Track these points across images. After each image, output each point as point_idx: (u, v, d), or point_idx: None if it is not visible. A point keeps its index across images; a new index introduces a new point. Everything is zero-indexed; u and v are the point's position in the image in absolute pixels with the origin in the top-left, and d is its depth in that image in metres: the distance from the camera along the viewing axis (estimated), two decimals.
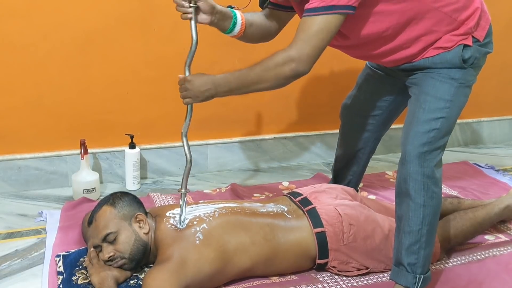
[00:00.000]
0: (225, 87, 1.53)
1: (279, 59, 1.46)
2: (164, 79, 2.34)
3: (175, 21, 2.26)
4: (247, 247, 1.56)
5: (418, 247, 1.50)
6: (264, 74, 1.48)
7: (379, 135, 2.04)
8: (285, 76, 1.47)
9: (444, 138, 1.53)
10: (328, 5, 1.41)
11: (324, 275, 1.68)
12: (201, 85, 1.55)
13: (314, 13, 1.43)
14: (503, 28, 1.62)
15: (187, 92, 1.58)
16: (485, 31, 1.57)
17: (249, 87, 1.52)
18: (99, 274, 1.50)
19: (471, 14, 1.54)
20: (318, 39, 1.44)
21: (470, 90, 1.60)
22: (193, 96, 1.58)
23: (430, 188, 1.49)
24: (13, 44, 2.09)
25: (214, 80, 1.54)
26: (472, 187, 2.44)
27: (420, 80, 1.59)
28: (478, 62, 1.58)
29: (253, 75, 1.50)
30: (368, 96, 1.94)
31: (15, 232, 1.91)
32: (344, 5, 1.42)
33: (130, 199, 1.64)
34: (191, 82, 1.57)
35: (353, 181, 2.14)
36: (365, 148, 2.05)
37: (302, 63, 1.45)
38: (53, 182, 2.29)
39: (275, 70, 1.47)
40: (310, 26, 1.43)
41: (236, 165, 2.60)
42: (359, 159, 2.09)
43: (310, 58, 1.45)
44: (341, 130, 2.11)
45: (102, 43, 2.20)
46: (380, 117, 1.97)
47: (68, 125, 2.26)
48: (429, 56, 1.57)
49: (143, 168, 2.42)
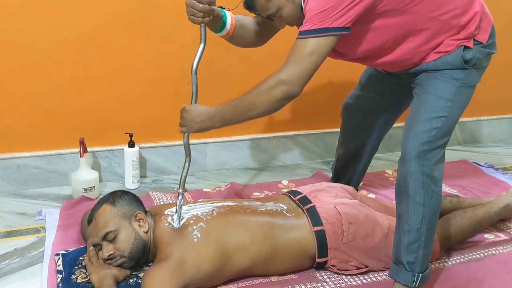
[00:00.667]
0: (220, 118, 1.54)
1: (270, 83, 1.47)
2: (163, 78, 2.34)
3: (175, 20, 2.28)
4: (246, 246, 1.56)
5: (417, 246, 1.50)
6: (256, 100, 1.48)
7: (381, 134, 2.04)
8: (277, 99, 1.47)
9: (445, 138, 1.53)
10: (320, 27, 1.42)
11: (323, 273, 1.68)
12: (196, 116, 1.56)
13: (306, 35, 1.44)
14: (503, 27, 1.62)
15: (183, 121, 1.59)
16: (488, 33, 1.57)
17: (243, 115, 1.52)
18: (99, 273, 1.50)
19: (471, 19, 1.54)
20: (309, 62, 1.44)
21: (472, 91, 1.60)
22: (188, 126, 1.59)
23: (429, 187, 1.49)
24: (13, 43, 2.09)
25: (209, 113, 1.54)
26: (472, 186, 2.44)
27: (423, 81, 1.60)
28: (481, 62, 1.58)
29: (246, 102, 1.50)
30: (371, 95, 1.94)
31: (14, 231, 1.91)
32: (337, 27, 1.42)
33: (130, 197, 1.64)
34: (188, 112, 1.58)
35: (354, 180, 2.14)
36: (367, 146, 2.06)
37: (293, 85, 1.45)
38: (53, 181, 2.29)
39: (267, 94, 1.47)
40: (301, 49, 1.44)
41: (235, 164, 2.60)
42: (360, 158, 2.09)
43: (301, 80, 1.46)
44: (342, 129, 2.10)
45: (102, 42, 2.20)
46: (382, 116, 1.97)
47: (68, 123, 2.25)
48: (431, 60, 1.58)
49: (143, 166, 2.42)
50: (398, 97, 1.88)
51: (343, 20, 1.42)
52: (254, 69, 2.37)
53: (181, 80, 2.38)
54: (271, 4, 1.52)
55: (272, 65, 2.39)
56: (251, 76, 2.36)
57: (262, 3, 1.53)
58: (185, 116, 1.58)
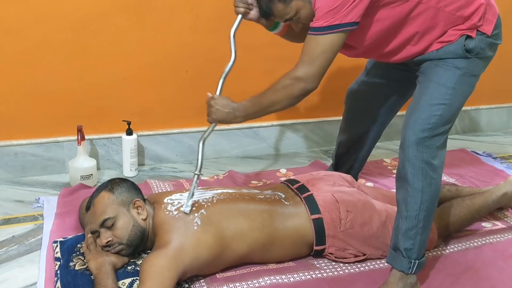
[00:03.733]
0: (243, 113, 1.62)
1: (287, 81, 1.55)
2: (161, 64, 2.33)
3: (172, 6, 2.26)
4: (245, 232, 1.56)
5: (415, 232, 1.51)
6: (275, 98, 1.57)
7: (385, 120, 2.05)
8: (294, 96, 1.56)
9: (446, 125, 1.53)
10: (332, 24, 1.47)
11: (321, 261, 1.69)
12: (223, 106, 1.63)
13: (319, 32, 1.49)
14: (502, 15, 1.62)
15: (211, 109, 1.65)
16: (493, 25, 1.58)
17: (263, 111, 1.62)
18: (97, 260, 1.50)
19: (475, 10, 1.55)
20: (323, 59, 1.52)
21: (475, 80, 1.60)
22: (216, 114, 1.64)
23: (428, 174, 1.49)
24: (8, 29, 2.07)
25: (233, 106, 1.63)
26: (470, 174, 2.44)
27: (427, 69, 1.62)
28: (484, 52, 1.58)
29: (266, 99, 1.59)
30: (376, 80, 1.95)
31: (12, 218, 1.91)
32: (348, 23, 1.47)
33: (129, 185, 1.64)
34: (215, 101, 1.64)
35: (355, 167, 2.15)
36: (370, 133, 2.06)
37: (310, 82, 1.53)
38: (50, 169, 2.28)
39: (285, 92, 1.56)
40: (315, 48, 1.51)
41: (233, 152, 2.60)
42: (363, 145, 2.09)
43: (317, 76, 1.53)
44: (345, 115, 2.11)
45: (99, 28, 2.18)
46: (387, 102, 1.98)
47: (65, 111, 2.24)
48: (434, 49, 1.60)
49: (141, 154, 2.41)
50: (403, 83, 1.88)
51: (353, 15, 1.47)
52: (253, 55, 2.36)
53: (179, 67, 2.37)
54: (289, 8, 1.55)
55: (270, 51, 2.40)
56: (250, 62, 2.35)
57: (280, 8, 1.56)
58: (212, 104, 1.64)
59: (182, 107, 2.43)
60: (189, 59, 2.36)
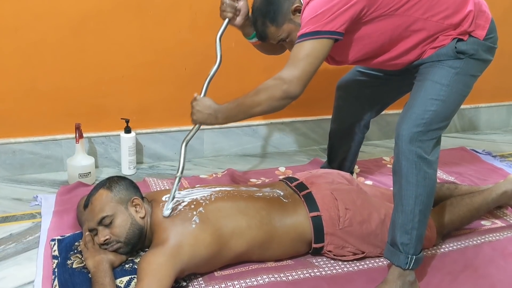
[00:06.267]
0: (224, 114, 1.62)
1: (271, 82, 1.56)
2: (160, 63, 2.33)
3: (170, 4, 2.25)
4: (243, 230, 1.56)
5: (411, 227, 1.51)
6: (257, 99, 1.56)
7: (374, 109, 2.06)
8: (276, 98, 1.55)
9: (441, 123, 1.54)
10: (312, 31, 1.52)
11: (320, 259, 1.68)
12: (205, 108, 1.64)
13: (303, 38, 1.54)
14: (500, 15, 1.62)
15: (193, 110, 1.66)
16: (485, 30, 1.60)
17: (246, 112, 1.61)
18: (94, 258, 1.50)
19: (464, 17, 1.58)
20: (306, 63, 1.53)
21: (472, 80, 1.62)
22: (197, 116, 1.65)
23: (422, 168, 1.49)
24: (6, 26, 2.06)
25: (215, 108, 1.63)
26: (469, 173, 2.44)
27: (423, 69, 1.65)
28: (478, 54, 1.60)
29: (249, 100, 1.58)
30: (369, 71, 1.98)
31: (9, 216, 1.91)
32: (328, 31, 1.52)
33: (127, 183, 1.63)
34: (197, 102, 1.66)
35: (348, 159, 2.16)
36: (360, 122, 2.09)
37: (292, 85, 1.53)
38: (48, 166, 2.28)
39: (267, 93, 1.55)
40: (299, 51, 1.54)
41: (232, 151, 2.59)
42: (353, 134, 2.12)
43: (300, 81, 1.53)
44: (336, 104, 2.14)
45: (97, 26, 2.18)
46: (378, 89, 1.99)
47: (63, 108, 2.24)
48: (428, 55, 1.63)
49: (139, 152, 2.41)
50: (397, 74, 1.88)
51: (334, 24, 1.51)
52: (250, 53, 2.35)
53: (178, 65, 2.36)
54: (281, 31, 1.67)
55: None
56: (247, 60, 2.35)
57: (273, 31, 1.68)
58: (194, 105, 1.66)
59: (181, 105, 2.41)
60: (188, 57, 2.36)
